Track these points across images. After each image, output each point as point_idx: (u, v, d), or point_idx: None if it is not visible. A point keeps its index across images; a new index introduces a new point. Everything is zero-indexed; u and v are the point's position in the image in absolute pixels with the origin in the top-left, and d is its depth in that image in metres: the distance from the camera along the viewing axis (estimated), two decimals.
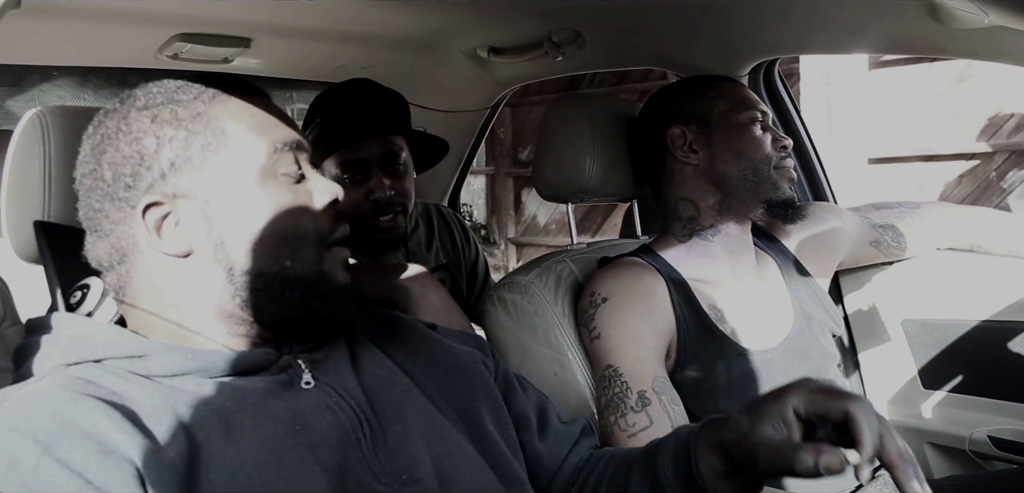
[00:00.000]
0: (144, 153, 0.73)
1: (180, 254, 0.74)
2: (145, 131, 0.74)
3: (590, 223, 6.34)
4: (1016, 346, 1.39)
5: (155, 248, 0.74)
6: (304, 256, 0.75)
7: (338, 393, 0.74)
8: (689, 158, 1.30)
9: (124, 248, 0.75)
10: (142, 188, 0.73)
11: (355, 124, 1.40)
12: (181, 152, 0.73)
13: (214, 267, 0.73)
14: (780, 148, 1.30)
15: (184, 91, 0.76)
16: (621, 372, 1.15)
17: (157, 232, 0.73)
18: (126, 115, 0.75)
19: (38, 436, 0.60)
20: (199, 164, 0.74)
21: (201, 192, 0.73)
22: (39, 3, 1.21)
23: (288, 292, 0.74)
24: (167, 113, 0.75)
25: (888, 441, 0.64)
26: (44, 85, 4.84)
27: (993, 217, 1.54)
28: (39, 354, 0.72)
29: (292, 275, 0.74)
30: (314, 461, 0.68)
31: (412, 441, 0.74)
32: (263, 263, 0.73)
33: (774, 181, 1.28)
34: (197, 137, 0.74)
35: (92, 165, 0.76)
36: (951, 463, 1.48)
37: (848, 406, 0.65)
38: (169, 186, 0.73)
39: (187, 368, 0.70)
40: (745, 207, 1.28)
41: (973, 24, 1.11)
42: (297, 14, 1.49)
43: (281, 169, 0.76)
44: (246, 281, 0.73)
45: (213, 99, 0.76)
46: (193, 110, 0.75)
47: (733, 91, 1.34)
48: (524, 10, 1.54)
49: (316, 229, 0.76)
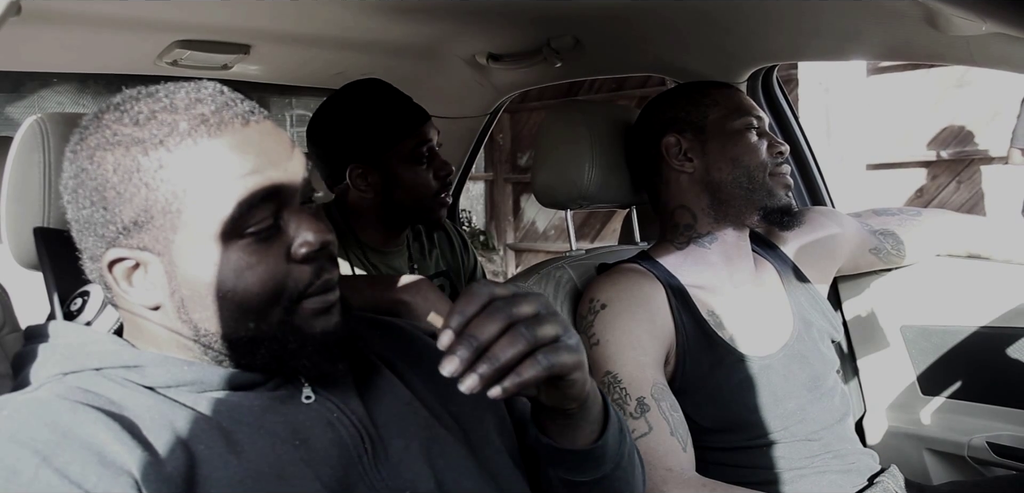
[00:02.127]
0: (107, 205, 0.68)
1: (149, 306, 0.71)
2: (107, 180, 0.68)
3: (589, 229, 6.34)
4: (1015, 352, 1.39)
5: (126, 296, 0.71)
6: (270, 317, 0.69)
7: (339, 408, 0.73)
8: (684, 166, 1.30)
9: (107, 281, 0.72)
10: (108, 238, 0.69)
11: (415, 111, 1.51)
12: (141, 211, 0.67)
13: (181, 325, 0.70)
14: (776, 154, 1.29)
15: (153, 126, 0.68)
16: (620, 378, 1.15)
17: (128, 281, 0.70)
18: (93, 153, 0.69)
19: (37, 446, 0.59)
20: (160, 224, 0.68)
21: (164, 251, 0.68)
22: (39, 10, 1.22)
23: (256, 349, 0.70)
24: (129, 161, 0.67)
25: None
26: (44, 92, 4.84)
27: (992, 224, 1.54)
28: (37, 362, 0.72)
29: (258, 336, 0.70)
30: (315, 478, 0.67)
31: (414, 456, 0.73)
32: (226, 327, 0.69)
33: (770, 188, 1.27)
34: (157, 194, 0.67)
35: (71, 192, 0.72)
36: (950, 469, 1.48)
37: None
38: (134, 240, 0.69)
39: (184, 380, 0.70)
40: (741, 214, 1.28)
41: (970, 31, 1.12)
42: (296, 21, 1.49)
43: (249, 227, 0.68)
44: (211, 341, 0.70)
45: (180, 143, 0.67)
46: (156, 160, 0.67)
47: (728, 98, 1.33)
48: (523, 17, 1.55)
49: (287, 286, 0.70)
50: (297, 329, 0.70)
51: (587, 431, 0.77)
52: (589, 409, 0.76)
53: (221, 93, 0.71)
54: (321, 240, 0.70)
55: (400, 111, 1.50)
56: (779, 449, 1.20)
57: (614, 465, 0.80)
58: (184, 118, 0.68)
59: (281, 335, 0.70)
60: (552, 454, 0.78)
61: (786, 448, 1.20)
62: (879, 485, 1.22)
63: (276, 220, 0.70)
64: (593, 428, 0.77)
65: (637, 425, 1.11)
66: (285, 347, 0.70)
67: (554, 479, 0.80)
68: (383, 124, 1.48)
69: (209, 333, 0.69)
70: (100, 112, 0.71)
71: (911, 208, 1.56)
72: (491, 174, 6.87)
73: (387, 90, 1.53)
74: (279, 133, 0.73)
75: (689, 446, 1.13)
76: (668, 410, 1.13)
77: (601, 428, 0.78)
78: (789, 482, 1.19)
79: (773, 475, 1.19)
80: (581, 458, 0.77)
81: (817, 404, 1.24)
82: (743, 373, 1.21)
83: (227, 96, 0.71)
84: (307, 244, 0.70)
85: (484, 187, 6.98)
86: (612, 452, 0.79)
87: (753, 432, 1.20)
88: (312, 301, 0.71)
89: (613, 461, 0.79)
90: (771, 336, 1.27)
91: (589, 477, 0.78)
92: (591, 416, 0.76)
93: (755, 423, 1.20)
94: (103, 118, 0.70)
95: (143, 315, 0.72)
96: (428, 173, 1.51)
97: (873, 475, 1.25)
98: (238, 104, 0.71)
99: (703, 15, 1.45)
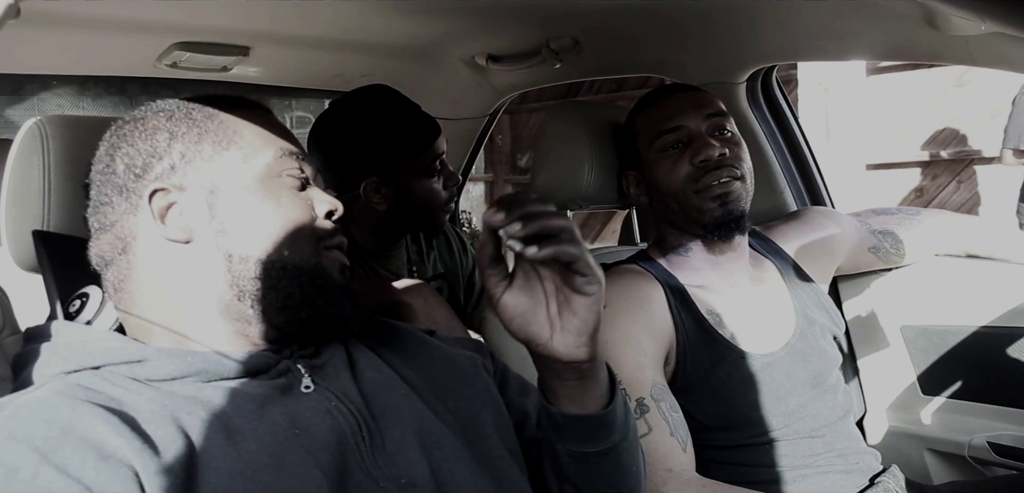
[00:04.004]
0: (156, 146, 0.78)
1: (181, 240, 0.76)
2: (160, 127, 0.79)
3: (589, 230, 6.35)
4: (1015, 352, 1.39)
5: (157, 235, 0.76)
6: (302, 248, 0.77)
7: (337, 397, 0.75)
8: (640, 198, 1.35)
9: (126, 238, 0.77)
10: (151, 178, 0.77)
11: (429, 123, 1.52)
12: (192, 147, 0.78)
13: (214, 254, 0.75)
14: (699, 164, 1.23)
15: (200, 99, 0.82)
16: (619, 379, 1.14)
17: (161, 220, 0.76)
18: (143, 117, 0.81)
19: (36, 443, 0.60)
20: (209, 157, 0.77)
21: (207, 183, 0.77)
22: (39, 12, 1.22)
23: (285, 281, 0.76)
24: (182, 113, 0.80)
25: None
26: (43, 94, 4.85)
27: (991, 224, 1.54)
28: (37, 362, 0.72)
29: (289, 264, 0.76)
30: (314, 464, 0.68)
31: (410, 445, 0.75)
32: (261, 251, 0.75)
33: (697, 206, 1.24)
34: (209, 135, 0.79)
35: (106, 161, 0.79)
36: (951, 469, 1.48)
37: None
38: (177, 177, 0.77)
39: (186, 371, 0.71)
40: (691, 232, 1.29)
41: (969, 31, 1.12)
42: (296, 22, 1.49)
43: (286, 171, 0.80)
44: (244, 269, 0.75)
45: (226, 106, 0.82)
46: (206, 112, 0.80)
47: (646, 120, 1.31)
48: (522, 18, 1.55)
49: (314, 229, 0.79)
50: (324, 270, 0.78)
51: (597, 395, 0.77)
52: (599, 369, 0.77)
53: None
54: (337, 204, 0.82)
55: (416, 125, 1.49)
56: (782, 447, 1.20)
57: (622, 436, 0.80)
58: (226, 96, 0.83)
59: (310, 270, 0.77)
60: (563, 424, 0.78)
61: (789, 446, 1.20)
62: (880, 485, 1.22)
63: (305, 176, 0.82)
64: (602, 393, 0.78)
65: (637, 426, 1.11)
66: (314, 281, 0.77)
67: (564, 456, 0.79)
68: (401, 140, 1.47)
69: (246, 259, 0.75)
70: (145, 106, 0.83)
71: (910, 208, 1.56)
72: (491, 175, 6.88)
73: (399, 102, 1.51)
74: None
75: (689, 446, 1.13)
76: (668, 410, 1.13)
77: (609, 397, 0.78)
78: (791, 481, 1.19)
79: (775, 473, 1.19)
80: (593, 424, 0.77)
81: (820, 401, 1.24)
82: (745, 370, 1.21)
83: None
84: (327, 202, 0.81)
85: (484, 188, 6.99)
86: (620, 421, 0.79)
87: (755, 430, 1.20)
88: (334, 252, 0.81)
89: (621, 431, 0.79)
90: (773, 334, 1.27)
91: (600, 446, 0.78)
92: (600, 378, 0.77)
93: (757, 421, 1.20)
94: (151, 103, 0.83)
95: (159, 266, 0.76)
96: (438, 184, 1.52)
97: (874, 475, 1.25)
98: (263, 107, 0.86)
99: (702, 16, 1.45)
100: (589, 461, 0.79)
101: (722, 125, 1.26)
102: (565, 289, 0.71)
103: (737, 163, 1.24)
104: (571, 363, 0.73)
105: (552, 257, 0.68)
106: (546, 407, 0.78)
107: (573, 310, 0.71)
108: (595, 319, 0.72)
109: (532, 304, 0.72)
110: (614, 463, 0.80)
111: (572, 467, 0.80)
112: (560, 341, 0.72)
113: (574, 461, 0.79)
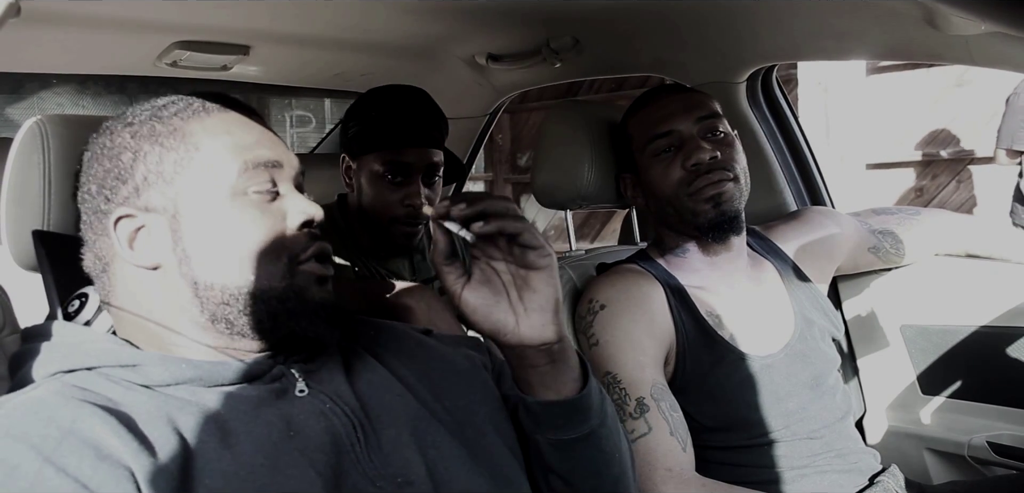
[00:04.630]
0: (121, 168, 0.76)
1: (149, 266, 0.75)
2: (125, 146, 0.76)
3: (589, 229, 6.35)
4: (1014, 351, 1.39)
5: (126, 260, 0.75)
6: (271, 271, 0.74)
7: (331, 399, 0.75)
8: (636, 199, 1.36)
9: (105, 258, 0.77)
10: (117, 201, 0.75)
11: (408, 128, 1.43)
12: (154, 167, 0.75)
13: (180, 281, 0.74)
14: (691, 168, 1.23)
15: (168, 107, 0.78)
16: (620, 379, 1.15)
17: (130, 244, 0.75)
18: (111, 130, 0.78)
19: (35, 442, 0.60)
20: (170, 179, 0.75)
21: (170, 207, 0.74)
22: (39, 11, 1.22)
23: (254, 306, 0.74)
24: (146, 129, 0.77)
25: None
26: (43, 93, 4.84)
27: (991, 224, 1.54)
28: (35, 361, 0.72)
29: (257, 290, 0.74)
30: (309, 465, 0.68)
31: (405, 444, 0.75)
32: (226, 278, 0.73)
33: (690, 208, 1.24)
34: (170, 152, 0.75)
35: (84, 179, 0.79)
36: (950, 469, 1.48)
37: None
38: (142, 200, 0.75)
39: (182, 378, 0.71)
40: (687, 233, 1.29)
41: (969, 30, 1.12)
42: (295, 21, 1.49)
43: (253, 187, 0.76)
44: (211, 295, 0.73)
45: (193, 114, 0.78)
46: (171, 126, 0.77)
47: (639, 124, 1.31)
48: (522, 17, 1.55)
49: (286, 247, 0.76)
50: (298, 291, 0.75)
51: (569, 378, 0.79)
52: (567, 351, 0.78)
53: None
54: (313, 212, 0.78)
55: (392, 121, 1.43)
56: (780, 448, 1.20)
57: (599, 421, 0.80)
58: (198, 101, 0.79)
59: (281, 294, 0.74)
60: (539, 412, 0.79)
61: (787, 447, 1.20)
62: (879, 485, 1.22)
63: (275, 189, 0.78)
64: (574, 376, 0.79)
65: (637, 425, 1.12)
66: (284, 305, 0.75)
67: (544, 445, 0.80)
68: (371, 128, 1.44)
69: (211, 287, 0.73)
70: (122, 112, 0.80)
71: (910, 208, 1.56)
72: (491, 174, 6.88)
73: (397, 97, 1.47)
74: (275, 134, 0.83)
75: (689, 446, 1.13)
76: (668, 410, 1.13)
77: (582, 382, 0.80)
78: (790, 481, 1.19)
79: (774, 474, 1.19)
80: (569, 409, 0.78)
81: (819, 402, 1.24)
82: (744, 372, 1.21)
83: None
84: (302, 212, 0.77)
85: (484, 188, 6.99)
86: (597, 405, 0.80)
87: (754, 431, 1.20)
88: (311, 264, 0.77)
89: (598, 416, 0.80)
90: (773, 335, 1.27)
91: (578, 431, 0.79)
92: (571, 361, 0.79)
93: (756, 422, 1.20)
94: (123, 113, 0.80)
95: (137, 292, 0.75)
96: (394, 194, 1.42)
97: (874, 475, 1.25)
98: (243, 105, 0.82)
99: (702, 15, 1.45)
100: (569, 448, 0.80)
101: (714, 127, 1.26)
102: (520, 271, 0.75)
103: (730, 164, 1.24)
104: (541, 346, 0.76)
105: (497, 231, 0.72)
106: (522, 398, 0.80)
107: (532, 287, 0.75)
108: (554, 293, 0.75)
109: (493, 295, 0.75)
110: (594, 449, 0.81)
111: (554, 457, 0.80)
112: (526, 325, 0.75)
113: (554, 450, 0.80)
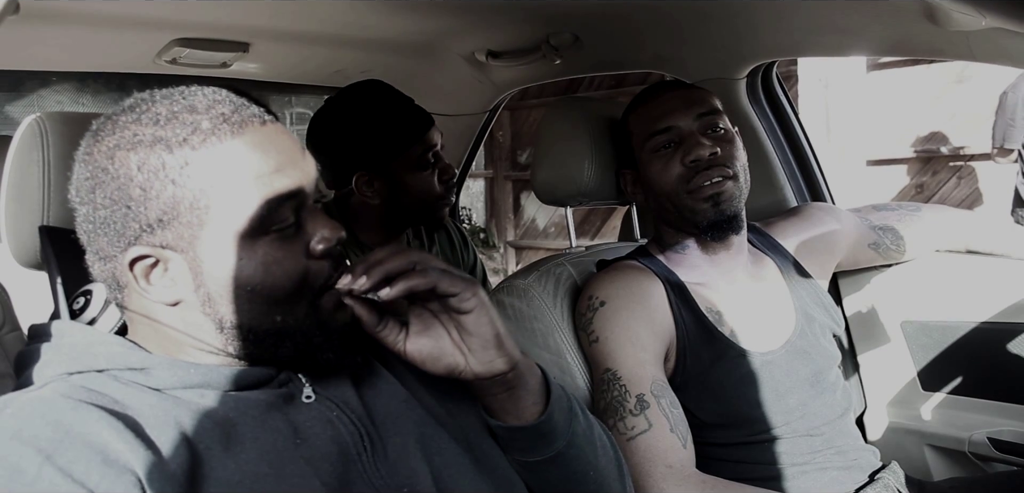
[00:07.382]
0: (131, 203, 0.69)
1: (169, 303, 0.71)
2: (131, 178, 0.68)
3: (589, 226, 6.35)
4: (1015, 347, 1.39)
5: (144, 295, 0.71)
6: (296, 311, 0.72)
7: (338, 407, 0.75)
8: (636, 195, 1.36)
9: (118, 280, 0.73)
10: (130, 236, 0.69)
11: (421, 116, 1.52)
12: (168, 208, 0.68)
13: (204, 319, 0.71)
14: (690, 164, 1.22)
15: (175, 125, 0.69)
16: (620, 375, 1.15)
17: (147, 279, 0.71)
18: (113, 153, 0.69)
19: (40, 444, 0.60)
20: (187, 221, 0.69)
21: (189, 248, 0.69)
22: (38, 8, 1.22)
23: (281, 343, 0.73)
24: (154, 159, 0.68)
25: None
26: (43, 90, 4.83)
27: (992, 220, 1.54)
28: (41, 361, 0.72)
29: (284, 329, 0.72)
30: (314, 474, 0.68)
31: (411, 453, 0.75)
32: (253, 320, 0.71)
33: (690, 207, 1.23)
34: (184, 191, 0.68)
35: (87, 193, 0.71)
36: (951, 465, 1.48)
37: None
38: (157, 238, 0.69)
39: (190, 382, 0.71)
40: (683, 234, 1.29)
41: (970, 26, 1.12)
42: (295, 18, 1.49)
43: (273, 224, 0.70)
44: (236, 333, 0.71)
45: (204, 141, 0.69)
46: (181, 157, 0.68)
47: (638, 120, 1.31)
48: (522, 14, 1.55)
49: (309, 281, 0.72)
50: (323, 324, 0.73)
51: (529, 403, 0.79)
52: (524, 377, 0.78)
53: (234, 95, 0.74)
54: (337, 236, 0.74)
55: (406, 118, 1.50)
56: (781, 445, 1.20)
57: (566, 443, 0.80)
58: (205, 117, 0.70)
59: (307, 329, 0.73)
60: (504, 436, 0.80)
61: (788, 444, 1.20)
62: (880, 481, 1.22)
63: (297, 218, 0.73)
64: (535, 401, 0.79)
65: (637, 422, 1.12)
66: (310, 341, 0.73)
67: (513, 465, 0.81)
68: (390, 132, 1.48)
69: (236, 326, 0.71)
70: (113, 114, 0.72)
71: (910, 204, 1.56)
72: (491, 171, 6.87)
73: (391, 95, 1.52)
74: (291, 135, 0.75)
75: (689, 443, 1.13)
76: (668, 407, 1.13)
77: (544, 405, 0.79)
78: (791, 478, 1.19)
79: (775, 471, 1.19)
80: (531, 435, 0.79)
81: (819, 399, 1.24)
82: (745, 368, 1.21)
83: (240, 99, 0.74)
84: (325, 240, 0.73)
85: (484, 184, 6.98)
86: (561, 428, 0.80)
87: (755, 427, 1.20)
88: (333, 294, 0.74)
89: (564, 438, 0.80)
90: (773, 332, 1.27)
91: (540, 455, 0.80)
92: (530, 386, 0.79)
93: (757, 418, 1.20)
94: (118, 120, 0.71)
95: (155, 315, 0.73)
96: (433, 177, 1.53)
97: (874, 471, 1.25)
98: (252, 106, 0.74)
99: (702, 12, 1.45)
100: (536, 469, 0.81)
101: (714, 123, 1.25)
102: (453, 314, 0.74)
103: (729, 161, 1.23)
104: (494, 377, 0.76)
105: (404, 292, 0.71)
106: (487, 421, 0.80)
107: (466, 329, 0.74)
108: (491, 328, 0.74)
109: (436, 340, 0.75)
110: (563, 469, 0.81)
111: (525, 475, 0.82)
112: (474, 361, 0.75)
113: (524, 469, 0.81)
